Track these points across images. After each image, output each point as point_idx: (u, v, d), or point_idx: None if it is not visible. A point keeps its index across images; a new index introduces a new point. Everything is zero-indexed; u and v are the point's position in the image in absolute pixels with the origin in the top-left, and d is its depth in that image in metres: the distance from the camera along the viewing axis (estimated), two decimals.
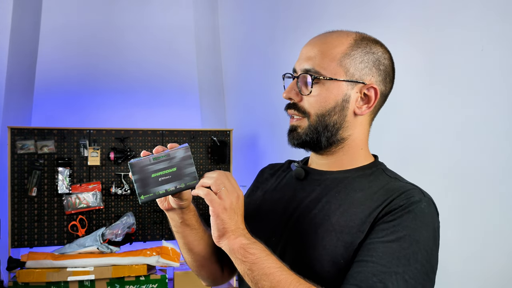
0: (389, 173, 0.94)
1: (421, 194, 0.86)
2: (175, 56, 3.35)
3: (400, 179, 0.92)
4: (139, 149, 2.98)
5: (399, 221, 0.80)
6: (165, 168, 0.84)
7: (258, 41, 3.26)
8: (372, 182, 0.91)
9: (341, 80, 0.90)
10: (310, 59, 0.91)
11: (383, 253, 0.77)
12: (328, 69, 0.90)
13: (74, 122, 3.03)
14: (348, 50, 0.91)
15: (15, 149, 2.75)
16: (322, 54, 0.90)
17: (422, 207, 0.83)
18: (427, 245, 0.80)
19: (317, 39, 0.94)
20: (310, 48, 0.92)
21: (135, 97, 3.27)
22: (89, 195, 2.86)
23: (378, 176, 0.93)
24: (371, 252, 0.79)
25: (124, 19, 3.27)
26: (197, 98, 3.43)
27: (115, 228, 2.65)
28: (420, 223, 0.81)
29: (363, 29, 0.94)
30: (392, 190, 0.87)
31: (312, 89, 0.90)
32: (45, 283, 2.43)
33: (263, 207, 1.01)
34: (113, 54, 3.24)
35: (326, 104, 0.90)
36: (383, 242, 0.79)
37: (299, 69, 0.92)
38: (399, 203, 0.83)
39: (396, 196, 0.84)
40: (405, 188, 0.86)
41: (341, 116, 0.91)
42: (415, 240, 0.79)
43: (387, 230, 0.80)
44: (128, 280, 2.54)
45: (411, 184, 0.90)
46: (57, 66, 3.14)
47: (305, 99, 0.91)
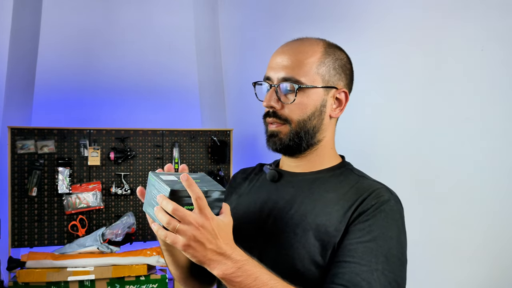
0: (357, 172, 1.00)
1: (389, 193, 0.92)
2: (175, 56, 3.35)
3: (367, 178, 0.98)
4: (139, 149, 2.98)
5: (373, 220, 0.87)
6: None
7: (258, 41, 3.26)
8: (342, 182, 0.96)
9: (320, 87, 0.96)
10: (287, 68, 0.94)
11: (363, 253, 0.83)
12: (307, 77, 0.94)
13: (74, 122, 3.03)
14: (322, 58, 0.96)
15: (15, 149, 2.75)
16: (299, 63, 0.95)
17: (391, 205, 0.89)
18: (399, 239, 0.88)
19: (289, 47, 0.98)
20: (285, 57, 0.96)
21: (135, 97, 3.27)
22: (89, 195, 2.86)
23: (347, 175, 0.98)
24: (352, 253, 0.84)
25: (124, 19, 3.27)
26: (197, 98, 3.43)
27: (115, 228, 2.65)
28: (391, 221, 0.88)
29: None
30: (362, 189, 0.92)
31: (296, 97, 0.94)
32: (45, 283, 2.43)
33: (238, 210, 1.03)
34: (113, 54, 3.24)
35: (307, 110, 0.95)
36: (362, 243, 0.85)
37: (276, 78, 0.96)
38: (370, 203, 0.89)
39: (367, 195, 0.90)
40: (374, 187, 0.92)
41: (319, 120, 0.97)
42: (389, 237, 0.86)
43: (363, 230, 0.86)
44: (128, 280, 2.54)
45: (378, 183, 0.96)
46: (57, 66, 3.14)
47: (285, 106, 0.95)
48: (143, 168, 2.99)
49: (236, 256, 0.75)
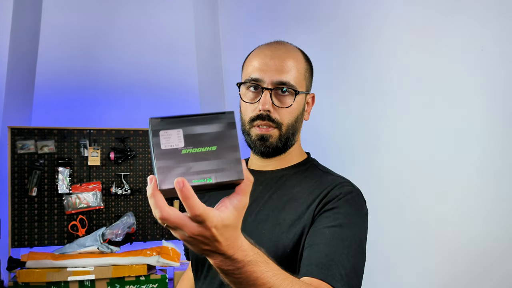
0: (321, 168, 1.05)
1: (351, 186, 0.97)
2: (175, 56, 3.35)
3: (331, 173, 1.03)
4: (139, 149, 2.98)
5: (338, 209, 0.91)
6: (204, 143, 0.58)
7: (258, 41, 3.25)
8: (307, 177, 1.01)
9: (304, 93, 1.01)
10: (282, 72, 0.96)
11: (331, 236, 0.87)
12: (298, 83, 0.99)
13: (74, 122, 3.02)
14: (305, 65, 1.02)
15: (15, 149, 2.75)
16: (292, 68, 0.98)
17: (354, 195, 0.94)
18: (362, 227, 0.93)
19: (278, 51, 1.00)
20: (278, 61, 0.98)
21: (135, 97, 3.27)
22: (89, 195, 2.86)
23: (312, 171, 1.03)
24: (320, 236, 0.88)
25: (124, 19, 3.27)
26: (197, 98, 3.43)
27: (115, 228, 2.65)
28: (355, 210, 0.93)
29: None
30: (326, 183, 0.97)
31: (293, 102, 0.98)
32: (45, 283, 2.43)
33: None
34: (113, 53, 3.24)
35: (295, 114, 1.00)
36: (329, 227, 0.88)
37: (269, 81, 0.96)
38: (335, 193, 0.93)
39: (331, 188, 0.95)
40: (337, 181, 0.97)
41: (300, 123, 1.03)
42: (353, 224, 0.90)
43: (330, 217, 0.90)
44: (128, 280, 2.54)
45: (341, 178, 1.00)
46: (57, 66, 3.14)
47: (277, 110, 0.97)
48: (143, 168, 2.99)
49: (238, 257, 0.65)
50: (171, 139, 0.57)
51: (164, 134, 0.57)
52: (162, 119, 0.57)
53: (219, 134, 0.58)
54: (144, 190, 2.98)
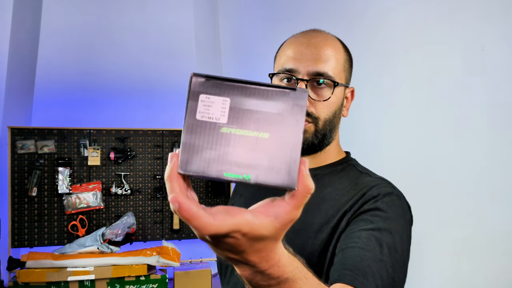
0: (360, 168, 0.94)
1: (391, 188, 0.86)
2: (175, 56, 3.35)
3: (370, 174, 0.92)
4: (139, 149, 2.98)
5: (375, 211, 0.80)
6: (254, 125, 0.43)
7: (258, 41, 3.26)
8: (342, 178, 0.91)
9: (344, 86, 0.91)
10: (321, 62, 0.87)
11: (368, 239, 0.76)
12: (337, 74, 0.89)
13: (74, 122, 3.03)
14: (345, 55, 0.92)
15: (15, 149, 2.75)
16: (330, 57, 0.88)
17: (393, 198, 0.84)
18: (403, 235, 0.81)
19: (315, 39, 0.89)
20: (314, 50, 0.87)
21: (135, 97, 3.27)
22: (89, 195, 2.86)
23: (348, 171, 0.93)
24: (355, 239, 0.77)
25: (124, 19, 3.27)
26: None
27: (115, 228, 2.65)
28: (395, 214, 0.81)
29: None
30: (362, 184, 0.87)
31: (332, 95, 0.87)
32: (45, 283, 2.43)
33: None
34: (113, 54, 3.24)
35: (333, 109, 0.89)
36: (365, 230, 0.78)
37: (305, 71, 0.86)
38: (372, 194, 0.83)
39: (367, 189, 0.85)
40: (375, 182, 0.87)
41: (338, 119, 0.93)
42: (394, 229, 0.79)
43: (366, 220, 0.80)
44: (128, 280, 2.54)
45: (381, 178, 0.90)
46: (57, 66, 3.14)
47: (313, 103, 0.87)
48: (143, 168, 2.99)
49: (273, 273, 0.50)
50: (212, 109, 0.42)
51: (205, 100, 0.43)
52: (209, 79, 0.43)
53: (279, 117, 0.42)
54: (144, 190, 2.98)
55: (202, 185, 3.08)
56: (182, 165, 0.42)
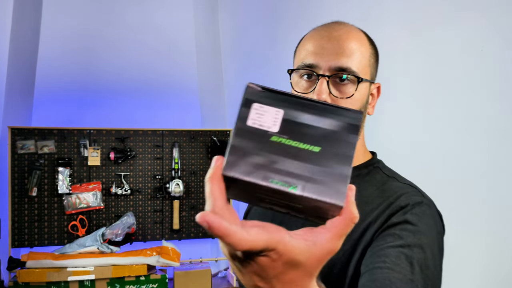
0: (386, 172, 0.88)
1: (421, 196, 0.80)
2: (175, 56, 3.36)
3: (398, 179, 0.86)
4: (139, 149, 2.98)
5: (404, 225, 0.74)
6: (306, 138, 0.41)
7: (258, 40, 3.26)
8: (368, 183, 0.84)
9: (369, 81, 0.85)
10: (344, 56, 0.80)
11: (396, 258, 0.70)
12: (361, 69, 0.82)
13: (74, 122, 3.03)
14: (370, 49, 0.86)
15: (16, 149, 2.75)
16: (354, 51, 0.81)
17: (424, 208, 0.77)
18: (434, 249, 0.75)
19: (337, 32, 0.82)
20: (336, 43, 0.81)
21: (135, 97, 3.27)
22: (89, 195, 2.86)
23: (374, 175, 0.86)
24: (383, 258, 0.70)
25: (124, 19, 3.27)
26: (197, 98, 3.43)
27: (115, 228, 2.65)
28: (426, 226, 0.75)
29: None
30: (389, 191, 0.81)
31: (355, 92, 0.81)
32: (45, 283, 2.43)
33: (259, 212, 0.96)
34: (113, 53, 3.24)
35: (357, 106, 0.82)
36: (394, 247, 0.71)
37: (327, 67, 0.80)
38: (400, 204, 0.77)
39: (395, 198, 0.78)
40: (403, 190, 0.80)
41: (363, 117, 0.86)
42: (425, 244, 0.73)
43: (394, 235, 0.73)
44: (128, 280, 2.54)
45: (409, 185, 0.84)
46: (57, 66, 3.14)
47: (335, 101, 0.80)
48: (143, 168, 2.99)
49: None
50: (264, 118, 0.42)
51: (258, 109, 0.42)
52: (264, 90, 0.43)
53: (331, 134, 0.41)
54: (144, 190, 2.99)
55: (202, 185, 3.08)
56: (227, 167, 0.40)
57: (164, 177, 3.01)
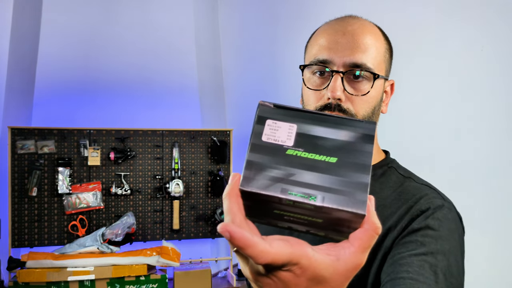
0: (402, 172, 0.84)
1: (441, 199, 0.76)
2: (175, 56, 3.35)
3: (414, 179, 0.83)
4: (139, 149, 2.98)
5: (426, 230, 0.71)
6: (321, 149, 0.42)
7: (258, 40, 3.26)
8: (383, 184, 0.81)
9: (384, 78, 0.81)
10: (359, 51, 0.77)
11: (420, 267, 0.66)
12: (376, 65, 0.79)
13: (74, 122, 3.03)
14: (385, 44, 0.82)
15: (15, 149, 2.75)
16: (370, 47, 0.78)
17: (445, 211, 0.74)
18: (458, 254, 0.72)
19: (355, 26, 0.80)
20: (351, 38, 0.77)
21: (135, 97, 3.27)
22: (89, 195, 2.86)
23: (390, 175, 0.83)
24: (406, 267, 0.67)
25: (124, 19, 3.27)
26: (197, 98, 3.43)
27: (115, 228, 2.65)
28: (448, 231, 0.72)
29: None
30: (407, 194, 0.77)
31: (371, 89, 0.77)
32: (45, 283, 2.43)
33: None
34: (113, 54, 3.24)
35: (372, 104, 0.79)
36: (417, 255, 0.68)
37: (342, 63, 0.76)
38: (421, 208, 0.73)
39: (415, 202, 0.75)
40: (422, 192, 0.77)
41: (377, 116, 0.83)
42: (448, 250, 0.70)
43: (416, 242, 0.70)
44: (128, 280, 2.54)
45: (427, 185, 0.81)
46: (57, 66, 3.14)
47: (350, 98, 0.77)
48: (143, 168, 2.99)
49: None
50: (278, 133, 0.42)
51: (272, 125, 0.43)
52: (276, 107, 0.43)
53: (347, 144, 0.41)
54: (143, 190, 2.98)
55: (202, 185, 3.08)
56: (244, 182, 0.40)
57: (164, 177, 3.01)
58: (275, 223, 0.43)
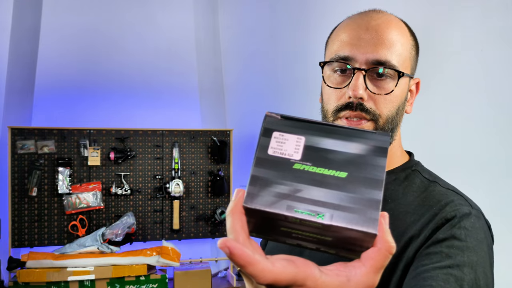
0: (426, 175, 0.80)
1: (468, 206, 0.71)
2: (175, 56, 3.36)
3: (440, 183, 0.77)
4: (139, 149, 2.98)
5: (452, 241, 0.66)
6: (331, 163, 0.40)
7: (258, 40, 3.26)
8: (407, 188, 0.77)
9: (409, 76, 0.77)
10: (383, 48, 0.72)
11: (445, 281, 0.62)
12: (401, 63, 0.74)
13: (74, 122, 3.03)
14: (411, 40, 0.78)
15: (16, 149, 2.75)
16: (395, 43, 0.73)
17: (473, 220, 0.69)
18: (486, 266, 0.67)
19: (375, 22, 0.75)
20: (375, 34, 0.73)
21: (135, 97, 3.27)
22: (89, 195, 2.86)
23: (413, 179, 0.78)
24: (430, 281, 0.62)
25: (124, 19, 3.27)
26: (197, 98, 3.43)
27: (115, 228, 2.65)
28: (476, 241, 0.67)
29: None
30: (432, 199, 0.72)
31: (396, 87, 0.73)
32: (45, 283, 2.43)
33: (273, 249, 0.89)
34: (113, 54, 3.24)
35: (396, 103, 0.75)
36: (442, 268, 0.63)
37: (365, 60, 0.72)
38: (446, 217, 0.68)
39: (440, 209, 0.70)
40: (448, 198, 0.72)
41: (401, 116, 0.78)
42: (476, 262, 0.65)
43: (441, 253, 0.65)
44: (128, 280, 2.54)
45: (453, 191, 0.76)
46: (57, 66, 3.14)
47: (373, 97, 0.73)
48: (143, 168, 2.99)
49: None
50: (285, 146, 0.40)
51: (279, 137, 0.41)
52: (284, 118, 0.41)
53: (358, 158, 0.39)
54: (143, 190, 2.99)
55: (202, 185, 3.08)
56: (248, 199, 0.37)
57: (164, 177, 3.01)
58: (283, 240, 0.40)
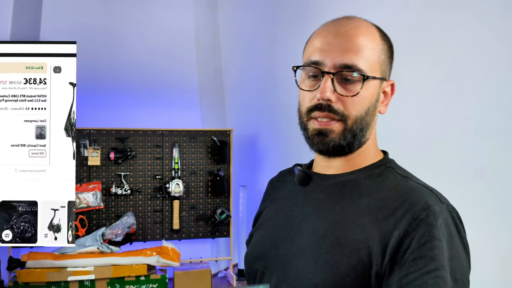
0: (399, 171, 0.84)
1: (439, 201, 0.75)
2: (175, 56, 3.36)
3: (412, 179, 0.82)
4: (139, 149, 2.98)
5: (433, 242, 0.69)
6: None
7: (259, 40, 3.26)
8: (380, 184, 0.81)
9: (379, 79, 0.82)
10: (348, 52, 0.78)
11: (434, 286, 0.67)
12: (369, 66, 0.79)
13: None
14: (381, 45, 0.83)
15: None
16: (362, 47, 0.79)
17: (445, 217, 0.73)
18: (465, 266, 0.72)
19: (344, 27, 0.81)
20: (342, 39, 0.79)
21: (135, 97, 3.27)
22: (89, 195, 2.86)
23: (387, 175, 0.83)
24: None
25: (124, 19, 3.27)
26: (197, 98, 3.43)
27: (115, 228, 2.65)
28: (449, 237, 0.71)
29: None
30: (404, 196, 0.76)
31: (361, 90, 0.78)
32: (45, 283, 2.43)
33: (268, 216, 0.94)
34: (113, 54, 3.24)
35: (365, 105, 0.80)
36: (428, 273, 0.68)
37: (332, 64, 0.78)
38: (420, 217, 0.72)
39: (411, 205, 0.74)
40: (420, 195, 0.76)
41: (372, 116, 0.84)
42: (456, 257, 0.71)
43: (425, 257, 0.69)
44: (128, 280, 2.54)
45: (425, 188, 0.79)
46: None
47: (341, 99, 0.78)
48: (143, 168, 2.99)
49: None
50: None
51: None
52: None
53: None
54: (144, 190, 2.98)
55: (202, 185, 3.09)
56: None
57: (164, 177, 3.01)
58: None
